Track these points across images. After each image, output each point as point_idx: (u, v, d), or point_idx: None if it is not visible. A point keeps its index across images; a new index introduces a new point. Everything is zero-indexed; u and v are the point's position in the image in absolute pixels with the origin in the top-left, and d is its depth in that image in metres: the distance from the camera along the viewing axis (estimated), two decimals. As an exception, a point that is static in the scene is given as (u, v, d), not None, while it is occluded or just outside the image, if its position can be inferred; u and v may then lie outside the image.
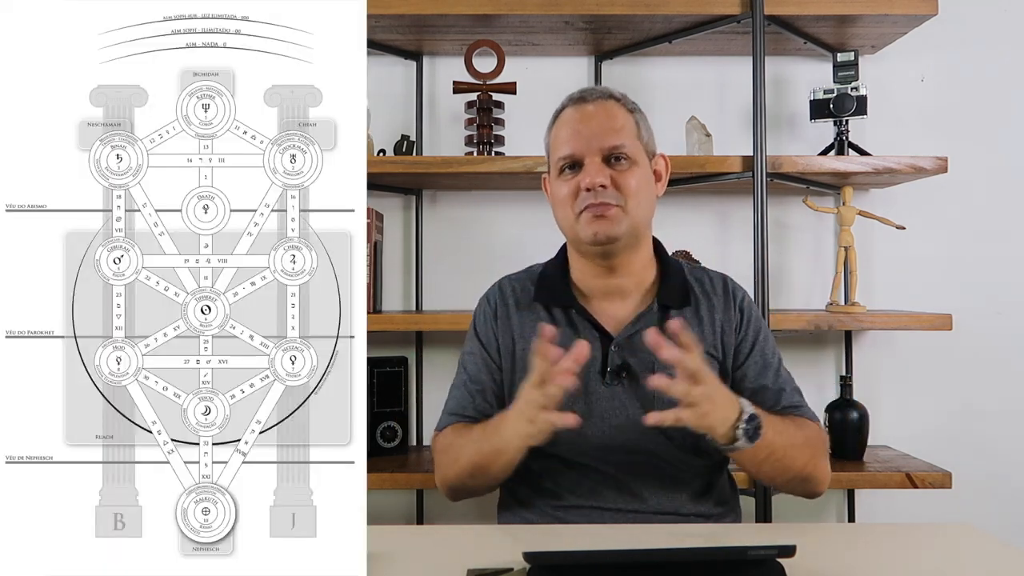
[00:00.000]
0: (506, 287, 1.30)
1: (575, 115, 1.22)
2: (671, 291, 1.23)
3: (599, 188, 1.16)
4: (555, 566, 0.87)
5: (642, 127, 1.24)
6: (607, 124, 1.19)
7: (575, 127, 1.20)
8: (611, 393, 1.18)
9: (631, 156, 1.19)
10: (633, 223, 1.19)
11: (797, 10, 1.71)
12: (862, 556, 0.95)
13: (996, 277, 1.96)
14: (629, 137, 1.20)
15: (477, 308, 1.32)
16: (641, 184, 1.20)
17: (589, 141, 1.19)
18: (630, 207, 1.18)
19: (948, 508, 1.87)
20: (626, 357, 1.19)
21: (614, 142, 1.18)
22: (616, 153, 1.18)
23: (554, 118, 1.27)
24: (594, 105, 1.22)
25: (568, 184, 1.20)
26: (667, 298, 1.23)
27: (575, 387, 1.02)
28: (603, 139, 1.18)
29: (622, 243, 1.19)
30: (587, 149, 1.18)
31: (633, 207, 1.18)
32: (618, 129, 1.20)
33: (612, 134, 1.19)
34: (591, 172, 1.17)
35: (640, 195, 1.19)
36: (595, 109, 1.21)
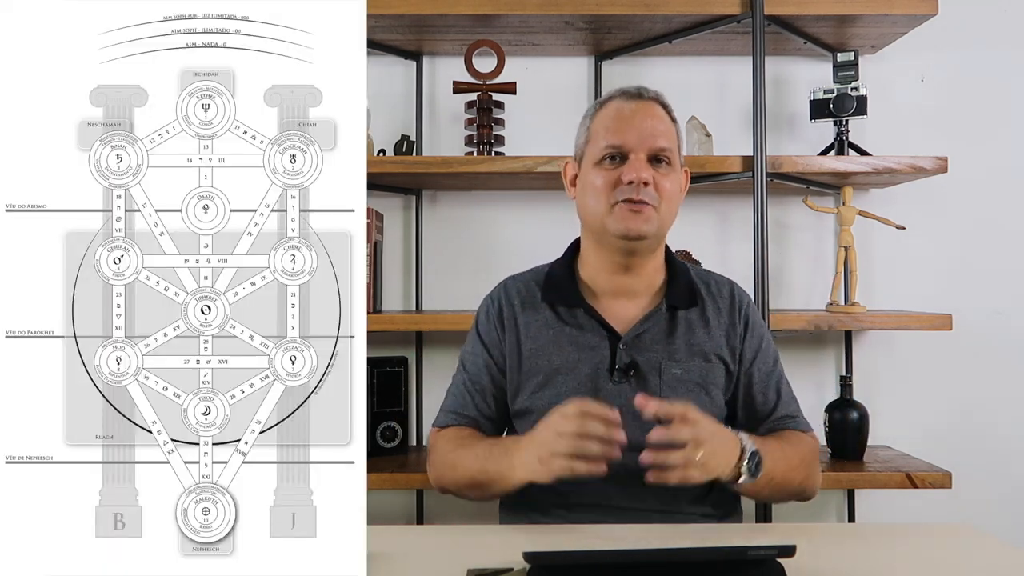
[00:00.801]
0: (511, 287, 1.30)
1: (626, 108, 1.22)
2: (679, 292, 1.25)
3: (642, 185, 1.16)
4: (555, 566, 0.87)
5: (680, 139, 1.26)
6: (657, 125, 1.20)
7: (627, 119, 1.20)
8: (619, 391, 1.19)
9: (671, 161, 1.21)
10: (662, 225, 1.21)
11: (797, 10, 1.71)
12: (862, 556, 0.95)
13: (996, 277, 1.96)
14: (672, 142, 1.22)
15: (480, 308, 1.32)
16: (675, 190, 1.22)
17: (640, 136, 1.19)
18: (663, 210, 1.19)
19: (948, 508, 1.87)
20: (634, 356, 1.20)
21: (662, 144, 1.19)
22: (661, 155, 1.19)
23: (599, 106, 1.26)
24: (647, 103, 1.22)
25: (608, 174, 1.19)
26: (675, 298, 1.24)
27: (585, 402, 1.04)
28: (653, 138, 1.19)
29: (647, 243, 1.21)
30: (637, 144, 1.18)
31: (665, 211, 1.20)
32: (665, 132, 1.21)
33: (661, 136, 1.20)
34: (637, 167, 1.17)
35: (673, 200, 1.21)
36: (648, 107, 1.22)
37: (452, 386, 1.29)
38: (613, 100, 1.25)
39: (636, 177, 1.16)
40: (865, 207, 1.86)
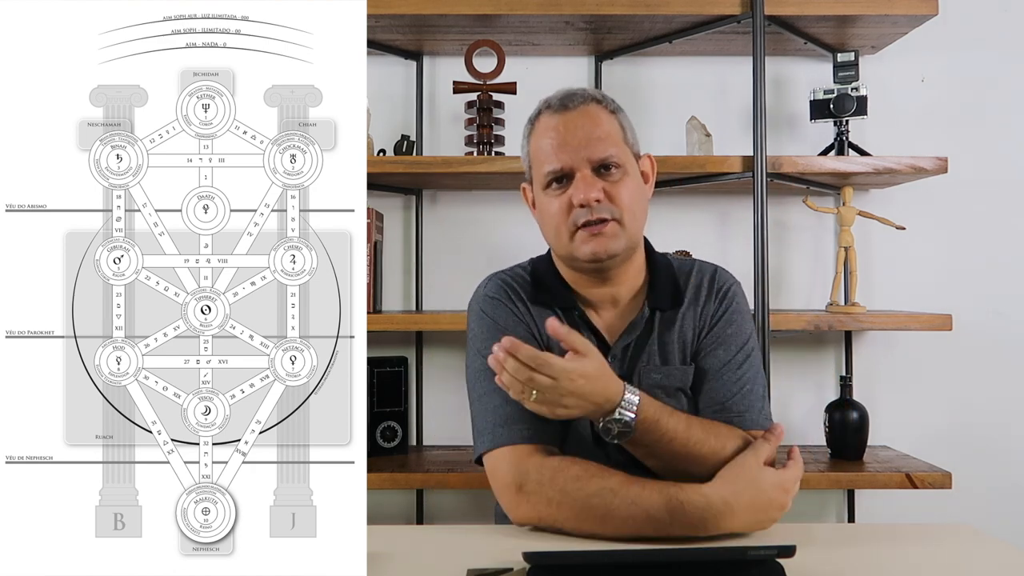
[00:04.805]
0: (508, 281, 1.22)
1: (557, 124, 1.14)
2: (661, 294, 1.19)
3: (594, 203, 1.10)
4: (555, 566, 0.87)
5: (627, 129, 1.18)
6: (593, 132, 1.12)
7: (560, 138, 1.13)
8: None
9: (621, 164, 1.13)
10: (630, 236, 1.14)
11: (797, 10, 1.71)
12: (862, 556, 0.95)
13: (996, 277, 1.96)
14: (616, 143, 1.14)
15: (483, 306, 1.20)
16: (634, 194, 1.15)
17: (577, 152, 1.12)
18: (626, 220, 1.12)
19: (948, 508, 1.87)
20: (624, 367, 1.16)
21: (603, 153, 1.12)
22: (606, 162, 1.12)
23: (531, 125, 1.19)
24: (577, 112, 1.14)
25: (558, 200, 1.13)
26: (657, 301, 1.18)
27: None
28: (592, 149, 1.12)
29: (620, 258, 1.15)
30: (576, 161, 1.12)
31: (629, 220, 1.13)
32: (605, 137, 1.13)
33: (600, 143, 1.12)
34: (583, 187, 1.11)
35: (634, 206, 1.14)
36: (579, 116, 1.14)
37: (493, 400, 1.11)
38: (541, 116, 1.17)
39: (585, 199, 1.10)
40: (865, 207, 1.86)
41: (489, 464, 1.09)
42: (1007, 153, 1.97)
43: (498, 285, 1.22)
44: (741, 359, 1.16)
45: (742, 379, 1.15)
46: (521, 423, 1.07)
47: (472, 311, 1.23)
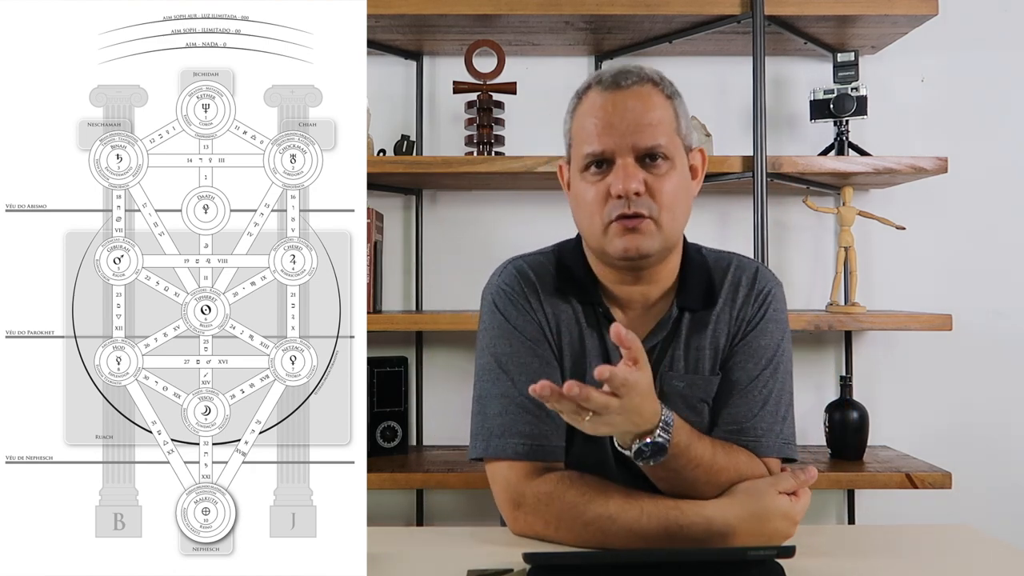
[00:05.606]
0: (525, 270, 1.14)
1: (606, 103, 1.04)
2: (691, 293, 1.11)
3: (633, 196, 1.01)
4: (555, 566, 0.87)
5: (682, 117, 1.08)
6: (643, 117, 1.02)
7: (606, 119, 1.03)
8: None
9: (669, 156, 1.04)
10: (667, 237, 1.05)
11: (797, 10, 1.71)
12: (862, 557, 0.95)
13: (996, 277, 1.96)
14: (667, 132, 1.04)
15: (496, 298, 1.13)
16: (679, 191, 1.05)
17: (623, 137, 1.02)
18: (664, 220, 1.03)
19: (948, 508, 1.87)
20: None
21: (651, 141, 1.02)
22: (653, 152, 1.02)
23: (577, 99, 1.09)
24: (629, 92, 1.03)
25: (595, 186, 1.04)
26: (687, 300, 1.10)
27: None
28: (639, 136, 1.02)
29: (654, 259, 1.06)
30: (619, 147, 1.02)
31: (667, 220, 1.04)
32: (656, 124, 1.02)
33: (649, 130, 1.02)
34: (623, 176, 1.01)
35: (676, 205, 1.05)
36: (630, 97, 1.03)
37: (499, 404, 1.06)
38: (589, 92, 1.07)
39: (624, 189, 1.01)
40: (865, 207, 1.86)
41: (488, 471, 1.07)
42: (1007, 153, 1.97)
43: (513, 275, 1.14)
44: (768, 375, 1.09)
45: (764, 395, 1.08)
46: (518, 437, 1.04)
47: (485, 300, 1.16)
